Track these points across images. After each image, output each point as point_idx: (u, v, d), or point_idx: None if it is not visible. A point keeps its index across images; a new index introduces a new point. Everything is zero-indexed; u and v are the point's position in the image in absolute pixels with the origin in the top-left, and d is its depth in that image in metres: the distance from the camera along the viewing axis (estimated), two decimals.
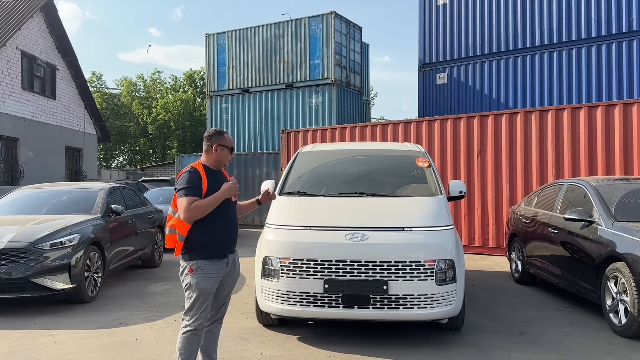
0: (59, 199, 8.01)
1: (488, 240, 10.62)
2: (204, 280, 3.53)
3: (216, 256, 3.58)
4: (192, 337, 3.56)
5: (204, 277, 3.53)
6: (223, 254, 3.63)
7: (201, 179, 3.59)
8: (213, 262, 3.56)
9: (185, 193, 3.51)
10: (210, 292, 3.57)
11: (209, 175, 3.64)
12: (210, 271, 3.55)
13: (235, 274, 3.83)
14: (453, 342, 5.02)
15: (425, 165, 6.09)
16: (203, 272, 3.53)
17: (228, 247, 3.68)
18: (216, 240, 3.58)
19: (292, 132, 13.38)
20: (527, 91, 15.46)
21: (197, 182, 3.57)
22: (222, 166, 3.80)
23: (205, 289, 3.53)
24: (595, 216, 5.79)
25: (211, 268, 3.55)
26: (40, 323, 5.80)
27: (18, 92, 16.72)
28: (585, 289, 5.83)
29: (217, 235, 3.58)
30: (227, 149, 3.75)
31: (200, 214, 3.49)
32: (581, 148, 9.63)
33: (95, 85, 41.87)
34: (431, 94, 17.36)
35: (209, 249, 3.55)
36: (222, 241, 3.61)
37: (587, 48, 14.50)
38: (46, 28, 18.45)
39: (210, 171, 3.70)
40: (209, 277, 3.54)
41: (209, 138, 3.74)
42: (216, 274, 3.58)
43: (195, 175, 3.60)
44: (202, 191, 3.56)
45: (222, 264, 3.62)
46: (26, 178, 16.13)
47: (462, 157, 10.93)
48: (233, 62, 20.63)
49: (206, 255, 3.54)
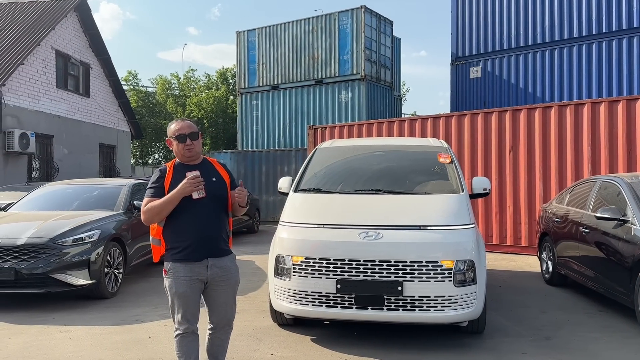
0: (83, 195, 8.09)
1: (520, 239, 10.25)
2: (176, 284, 3.29)
3: (187, 259, 3.29)
4: (182, 340, 3.39)
5: (175, 280, 3.30)
6: (196, 256, 3.30)
7: (164, 177, 3.35)
8: (185, 264, 3.29)
9: (146, 194, 3.35)
10: (184, 296, 3.29)
11: (177, 172, 3.36)
12: (182, 274, 3.29)
13: (230, 279, 3.43)
14: (473, 346, 4.79)
15: (447, 161, 5.84)
16: (174, 274, 3.31)
17: (205, 249, 3.32)
18: (187, 241, 3.29)
19: (319, 128, 13.24)
20: (564, 84, 14.90)
21: (157, 181, 3.35)
22: (190, 159, 3.42)
23: (178, 292, 3.29)
24: (630, 215, 5.44)
25: (184, 271, 3.29)
26: (58, 319, 5.84)
27: (52, 90, 17.09)
28: (618, 292, 5.49)
29: (187, 237, 3.29)
30: (174, 139, 3.39)
31: (156, 214, 3.25)
32: (619, 143, 9.16)
33: (131, 84, 42.67)
34: (464, 88, 16.95)
35: (180, 251, 3.30)
36: (194, 242, 3.29)
37: (629, 39, 13.85)
38: (80, 27, 18.80)
39: (183, 167, 3.39)
40: (181, 280, 3.29)
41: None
42: (190, 277, 3.29)
43: (159, 174, 3.38)
44: (164, 190, 3.31)
45: (199, 267, 3.31)
46: (61, 174, 16.49)
47: (494, 153, 10.57)
48: (263, 59, 20.62)
49: (177, 257, 3.31)
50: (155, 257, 3.46)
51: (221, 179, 3.45)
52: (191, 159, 3.42)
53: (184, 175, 3.25)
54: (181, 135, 3.36)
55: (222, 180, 3.45)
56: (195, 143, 3.38)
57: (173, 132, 3.38)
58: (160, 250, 3.41)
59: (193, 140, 3.37)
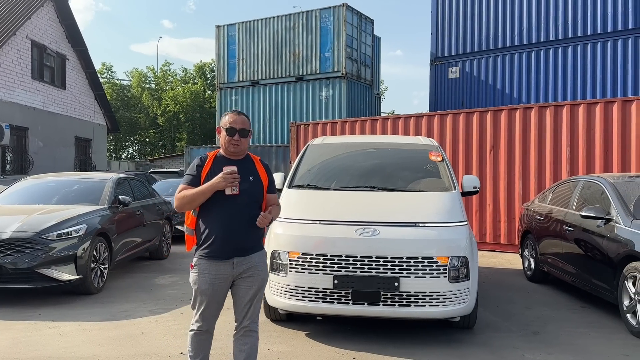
0: (67, 189, 7.94)
1: (499, 236, 10.46)
2: (200, 280, 3.22)
3: (213, 256, 3.20)
4: (196, 337, 3.32)
5: (200, 275, 3.22)
6: (223, 254, 3.20)
7: (202, 167, 3.27)
8: (210, 262, 3.20)
9: (182, 180, 3.30)
10: (207, 294, 3.21)
11: (217, 164, 3.27)
12: (207, 271, 3.20)
13: (256, 278, 3.30)
14: (465, 341, 4.89)
15: (439, 159, 5.94)
16: (200, 270, 3.23)
17: (232, 247, 3.21)
18: (214, 238, 3.19)
19: (302, 125, 13.24)
20: (540, 86, 15.22)
21: (195, 169, 3.27)
22: (233, 154, 3.32)
23: (202, 289, 3.22)
24: (613, 214, 5.62)
25: (208, 268, 3.20)
26: (45, 314, 5.74)
27: (28, 81, 16.70)
28: (601, 289, 5.67)
29: (214, 233, 3.19)
30: (224, 130, 3.30)
31: (187, 203, 3.18)
32: (596, 144, 9.41)
33: (106, 77, 41.94)
34: (442, 88, 17.15)
35: (206, 247, 3.22)
36: (221, 240, 3.18)
37: (603, 43, 14.23)
38: (56, 17, 18.41)
39: (224, 160, 3.31)
40: (205, 277, 3.20)
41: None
42: (215, 275, 3.20)
43: (198, 162, 3.31)
44: (199, 179, 3.23)
45: (225, 265, 3.21)
46: (35, 168, 16.14)
47: (475, 152, 10.75)
48: (243, 54, 20.51)
49: (203, 254, 3.23)
50: (187, 246, 3.35)
51: (259, 179, 3.34)
52: (234, 154, 3.33)
53: (222, 169, 3.17)
54: (231, 128, 3.27)
55: (259, 180, 3.34)
56: (243, 140, 3.30)
57: (225, 123, 3.30)
58: (192, 241, 3.31)
59: (242, 137, 3.29)
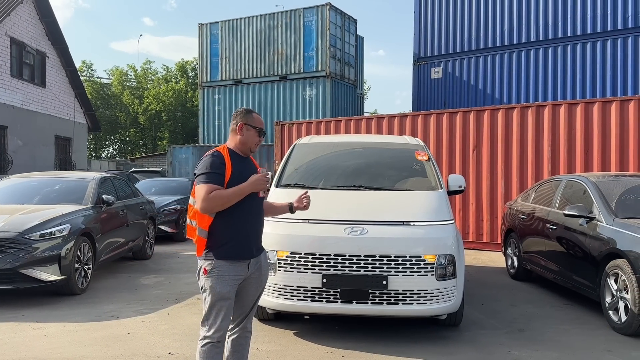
0: (49, 189, 7.83)
1: (482, 235, 10.58)
2: (220, 284, 3.04)
3: (236, 257, 3.09)
4: (213, 349, 3.07)
5: (219, 279, 3.04)
6: (244, 254, 3.12)
7: (224, 165, 3.08)
8: (232, 263, 3.07)
9: (206, 179, 3.01)
10: (227, 298, 3.07)
11: (234, 161, 3.15)
12: (227, 273, 3.06)
13: (262, 277, 3.29)
14: (452, 338, 4.94)
15: (425, 158, 5.99)
16: (219, 273, 3.05)
17: (251, 248, 3.16)
18: (237, 239, 3.09)
19: (286, 124, 13.23)
20: (521, 87, 15.43)
21: (220, 167, 3.06)
22: (249, 151, 3.26)
23: (222, 293, 3.04)
24: (596, 212, 5.73)
25: (229, 270, 3.06)
26: (28, 315, 5.66)
27: (7, 79, 16.41)
28: (584, 286, 5.78)
29: (238, 233, 3.09)
30: (254, 129, 3.22)
31: (220, 205, 3.01)
32: (577, 144, 9.58)
33: (86, 75, 41.39)
34: (425, 88, 17.29)
35: (228, 249, 3.07)
36: (244, 240, 3.12)
37: (583, 45, 14.49)
38: (36, 15, 18.12)
39: (237, 157, 3.20)
40: (226, 280, 3.05)
41: (235, 116, 3.27)
42: (235, 277, 3.09)
43: (219, 159, 3.09)
44: (224, 178, 3.06)
45: (243, 266, 3.12)
46: (15, 167, 15.87)
47: (458, 151, 10.85)
48: (226, 52, 20.42)
49: (223, 255, 3.06)
50: (198, 250, 3.13)
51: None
52: (247, 153, 3.29)
53: (241, 167, 3.14)
54: (262, 130, 3.29)
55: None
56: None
57: (258, 123, 3.26)
58: (202, 242, 3.10)
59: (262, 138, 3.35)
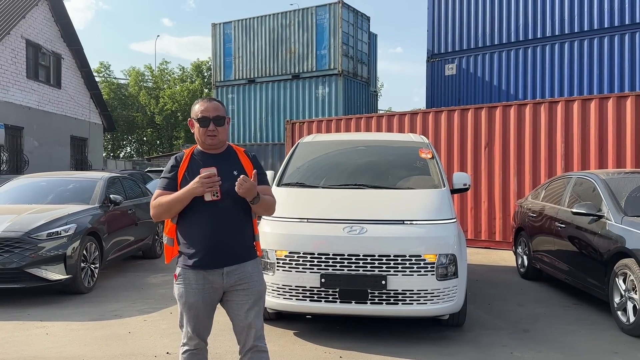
0: (57, 189, 7.90)
1: (494, 234, 10.42)
2: (186, 292, 2.85)
3: (199, 266, 2.83)
4: (191, 357, 2.92)
5: (186, 287, 2.85)
6: (209, 263, 2.82)
7: (177, 167, 2.88)
8: (197, 271, 2.83)
9: (158, 184, 2.91)
10: (195, 307, 2.85)
11: (195, 161, 2.88)
12: (193, 281, 2.84)
13: (251, 290, 2.89)
14: (453, 339, 4.86)
15: (429, 156, 5.90)
16: (185, 281, 2.86)
17: (219, 256, 2.83)
18: (198, 247, 2.82)
19: (297, 122, 13.21)
20: (536, 82, 15.18)
21: (171, 170, 2.90)
22: (210, 146, 2.90)
23: (189, 302, 2.85)
24: (604, 210, 5.59)
25: (196, 278, 2.84)
26: (34, 314, 5.71)
27: (23, 81, 16.66)
28: (593, 286, 5.64)
29: (198, 242, 2.83)
30: (196, 122, 2.89)
31: (163, 212, 2.83)
32: (591, 140, 9.38)
33: (103, 76, 41.88)
34: (439, 85, 17.11)
35: (190, 256, 2.85)
36: (205, 248, 2.82)
37: (600, 39, 14.19)
38: (51, 17, 18.36)
39: (204, 156, 2.92)
40: (193, 288, 2.84)
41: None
42: (203, 286, 2.84)
43: (173, 162, 2.92)
44: (176, 182, 2.86)
45: (214, 275, 2.83)
46: (31, 167, 16.11)
47: (469, 149, 10.71)
48: (239, 52, 20.44)
49: (186, 263, 2.86)
50: (167, 258, 2.98)
51: (244, 173, 2.87)
52: (213, 147, 2.92)
53: (200, 167, 2.80)
54: (204, 118, 2.86)
55: (245, 175, 2.84)
56: (220, 129, 2.88)
57: (195, 113, 2.89)
58: (172, 252, 2.95)
59: (218, 126, 2.87)
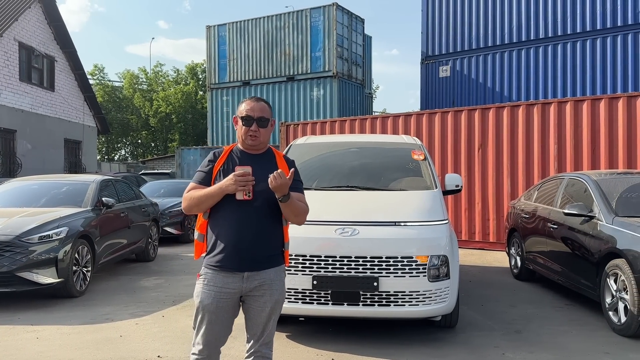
0: (50, 192, 7.86)
1: (488, 235, 10.45)
2: (204, 292, 2.78)
3: (222, 266, 2.77)
4: None
5: (204, 287, 2.79)
6: (232, 265, 2.76)
7: (214, 162, 2.86)
8: (218, 272, 2.77)
9: (194, 177, 2.90)
10: (209, 310, 2.77)
11: (231, 159, 2.86)
12: (212, 282, 2.78)
13: (268, 298, 2.81)
14: (446, 340, 4.86)
15: (421, 158, 5.90)
16: (205, 281, 2.80)
17: (242, 260, 2.76)
18: (222, 247, 2.77)
19: (292, 124, 13.20)
20: (530, 84, 15.25)
21: (206, 165, 2.88)
22: (251, 147, 2.87)
23: (205, 303, 2.77)
24: (596, 211, 5.60)
25: (214, 280, 2.78)
26: (24, 318, 5.67)
27: (16, 83, 16.60)
28: (585, 286, 5.65)
29: (223, 241, 2.77)
30: (240, 120, 2.86)
31: (194, 206, 2.78)
32: (584, 141, 9.42)
33: (97, 78, 41.77)
34: (434, 87, 17.17)
35: (214, 256, 2.79)
36: (230, 249, 2.75)
37: (592, 40, 14.27)
38: (44, 19, 18.30)
39: (242, 154, 2.89)
40: (210, 289, 2.77)
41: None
42: (221, 289, 2.76)
43: (211, 156, 2.91)
44: (211, 177, 2.84)
45: (233, 278, 2.76)
46: (24, 170, 16.03)
47: (463, 150, 10.74)
48: (234, 54, 20.46)
49: (210, 262, 2.80)
50: (196, 254, 2.92)
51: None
52: (253, 147, 2.88)
53: (244, 165, 2.75)
54: (248, 117, 2.83)
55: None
56: (262, 131, 2.84)
57: (241, 112, 2.87)
58: (202, 248, 2.88)
59: (260, 127, 2.83)
